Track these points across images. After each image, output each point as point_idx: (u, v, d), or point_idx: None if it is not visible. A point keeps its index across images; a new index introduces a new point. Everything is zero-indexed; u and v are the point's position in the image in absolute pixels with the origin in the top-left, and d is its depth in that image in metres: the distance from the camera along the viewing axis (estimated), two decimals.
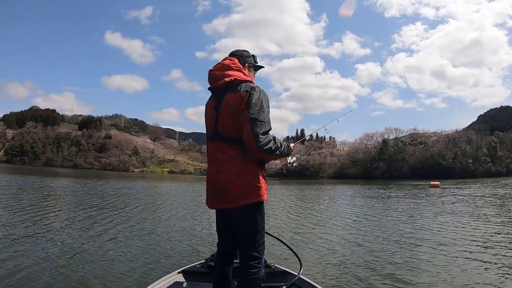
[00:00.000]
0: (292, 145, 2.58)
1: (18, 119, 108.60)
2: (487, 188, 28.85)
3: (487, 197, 20.05)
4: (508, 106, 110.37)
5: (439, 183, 32.93)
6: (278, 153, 2.34)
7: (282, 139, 2.40)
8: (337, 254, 6.55)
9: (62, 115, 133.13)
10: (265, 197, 2.32)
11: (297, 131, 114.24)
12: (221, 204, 2.35)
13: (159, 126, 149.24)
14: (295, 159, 2.80)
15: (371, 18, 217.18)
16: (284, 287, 2.97)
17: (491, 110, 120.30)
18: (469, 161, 66.00)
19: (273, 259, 3.89)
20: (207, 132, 2.48)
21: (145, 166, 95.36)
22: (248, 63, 2.58)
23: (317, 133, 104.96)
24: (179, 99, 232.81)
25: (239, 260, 2.45)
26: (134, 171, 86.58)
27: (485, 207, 14.66)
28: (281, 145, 2.36)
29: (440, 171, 62.76)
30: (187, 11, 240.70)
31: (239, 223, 2.37)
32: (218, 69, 2.45)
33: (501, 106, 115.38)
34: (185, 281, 3.23)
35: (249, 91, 2.28)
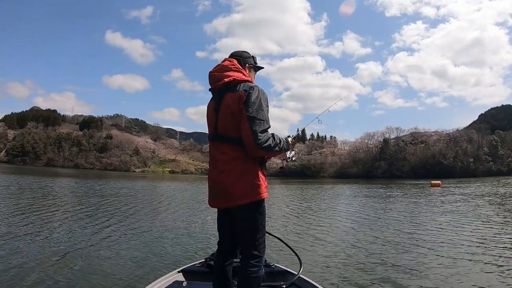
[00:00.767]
0: (290, 139, 2.60)
1: (19, 120, 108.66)
2: (488, 187, 28.83)
3: (488, 196, 20.04)
4: (509, 105, 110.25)
5: (440, 182, 32.90)
6: (277, 149, 2.35)
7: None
8: (337, 253, 6.54)
9: (63, 115, 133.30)
10: (265, 195, 2.34)
11: (298, 130, 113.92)
12: (223, 203, 2.38)
13: (160, 126, 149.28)
14: (293, 153, 2.82)
15: (371, 17, 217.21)
16: (284, 286, 2.98)
17: (492, 109, 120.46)
18: (470, 160, 66.06)
19: (273, 259, 3.90)
20: (208, 132, 2.51)
21: (146, 166, 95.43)
22: (248, 64, 2.60)
23: (318, 133, 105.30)
24: (180, 98, 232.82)
25: (239, 259, 2.46)
26: (135, 171, 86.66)
27: (487, 206, 14.66)
28: (280, 141, 2.37)
29: (441, 170, 62.76)
30: (187, 11, 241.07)
31: (240, 222, 2.38)
32: (217, 70, 2.48)
33: (502, 105, 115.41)
34: (185, 280, 3.24)
35: (248, 90, 2.29)
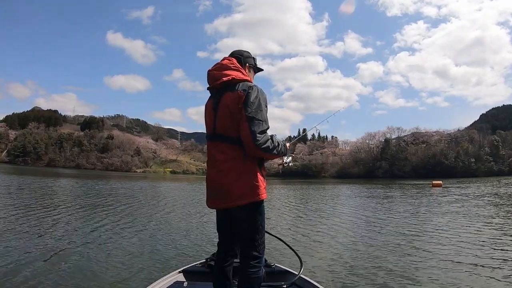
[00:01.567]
0: (288, 145, 2.58)
1: (20, 120, 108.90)
2: (489, 187, 28.76)
3: (489, 196, 19.99)
4: (510, 105, 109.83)
5: (441, 182, 32.82)
6: (275, 152, 2.33)
7: (283, 138, 2.41)
8: (337, 253, 6.54)
9: (64, 115, 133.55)
10: (264, 196, 2.33)
11: (299, 130, 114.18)
12: (221, 204, 2.36)
13: (161, 126, 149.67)
14: (290, 159, 2.82)
15: (373, 17, 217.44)
16: (284, 286, 2.97)
17: (493, 109, 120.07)
18: (472, 160, 65.94)
19: (273, 259, 3.90)
20: (206, 132, 2.49)
21: (147, 166, 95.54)
22: (248, 64, 2.59)
23: (319, 133, 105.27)
24: (181, 99, 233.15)
25: (239, 259, 2.45)
26: (136, 172, 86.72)
27: (488, 207, 14.63)
28: (279, 144, 2.35)
29: (442, 170, 62.64)
30: (188, 11, 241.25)
31: (239, 223, 2.37)
32: (216, 69, 2.46)
33: (503, 105, 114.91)
34: (185, 280, 3.24)
35: (247, 90, 2.28)
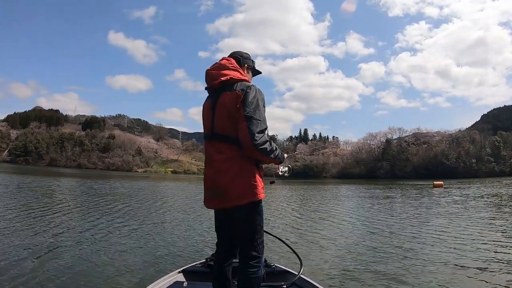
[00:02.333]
0: (285, 156, 2.56)
1: (21, 120, 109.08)
2: (491, 188, 28.71)
3: (491, 197, 19.95)
4: (511, 105, 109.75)
5: (442, 183, 32.77)
6: (272, 156, 2.34)
7: (285, 139, 2.40)
8: (338, 253, 6.54)
9: (65, 115, 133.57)
10: (262, 195, 2.33)
11: (300, 131, 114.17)
12: (220, 204, 2.36)
13: (163, 126, 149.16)
14: (286, 169, 2.82)
15: (374, 17, 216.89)
16: (284, 286, 2.98)
17: (494, 109, 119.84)
18: (473, 160, 65.84)
19: (273, 259, 3.90)
20: (204, 132, 2.49)
21: (148, 166, 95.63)
22: (247, 65, 2.60)
23: (320, 133, 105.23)
24: (182, 99, 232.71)
25: (238, 259, 2.46)
26: (137, 171, 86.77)
27: (490, 207, 14.60)
28: (276, 149, 2.36)
29: (443, 171, 62.54)
30: (190, 11, 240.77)
31: (237, 223, 2.37)
32: (215, 68, 2.47)
33: (505, 105, 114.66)
34: (185, 280, 3.24)
35: (245, 89, 2.29)
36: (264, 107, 2.33)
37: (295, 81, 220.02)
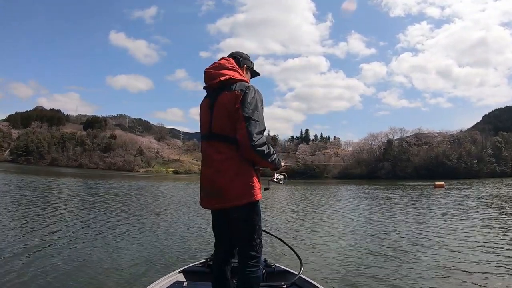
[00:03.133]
0: (283, 163, 2.54)
1: (23, 119, 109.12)
2: (492, 188, 28.66)
3: (492, 198, 19.93)
4: None
5: (444, 183, 32.69)
6: (269, 160, 2.34)
7: (286, 139, 2.39)
8: (338, 253, 6.55)
9: (67, 115, 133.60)
10: (259, 196, 2.34)
11: (301, 131, 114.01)
12: (218, 204, 2.36)
13: (164, 126, 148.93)
14: (282, 177, 2.79)
15: (376, 17, 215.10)
16: (284, 286, 2.99)
17: (495, 110, 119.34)
18: (474, 161, 65.68)
19: (273, 259, 3.90)
20: (201, 131, 2.49)
21: (150, 166, 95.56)
22: (246, 65, 2.61)
23: (321, 133, 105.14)
24: (183, 99, 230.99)
25: (237, 259, 2.47)
26: (139, 171, 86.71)
27: (491, 208, 14.59)
28: (274, 154, 2.36)
29: (444, 171, 62.35)
30: (191, 11, 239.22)
31: (236, 223, 2.37)
32: (214, 68, 2.47)
33: (506, 106, 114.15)
34: (185, 280, 3.25)
35: (244, 90, 2.29)
36: (262, 108, 2.33)
37: (296, 81, 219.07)
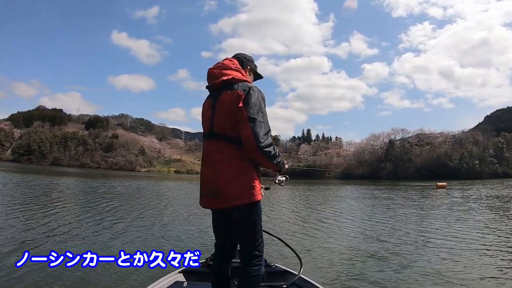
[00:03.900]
0: (286, 166, 2.56)
1: (25, 119, 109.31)
2: (493, 189, 28.57)
3: (494, 198, 19.87)
4: None
5: (445, 184, 32.66)
6: (274, 162, 2.34)
7: (287, 139, 2.39)
8: (338, 254, 6.55)
9: (69, 114, 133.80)
10: (260, 196, 2.33)
11: (303, 131, 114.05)
12: (218, 204, 2.35)
13: (166, 126, 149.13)
14: (284, 179, 2.81)
15: (378, 18, 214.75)
16: (284, 286, 2.98)
17: (497, 110, 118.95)
18: (476, 162, 65.55)
19: (273, 259, 3.90)
20: (203, 130, 2.49)
21: (151, 165, 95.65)
22: (250, 67, 2.61)
23: (323, 134, 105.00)
24: (185, 98, 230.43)
25: (239, 259, 2.47)
26: (140, 171, 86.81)
27: (492, 209, 14.56)
28: (279, 155, 2.36)
29: (446, 172, 62.24)
30: (193, 11, 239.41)
31: (237, 223, 2.37)
32: (217, 68, 2.46)
33: (508, 106, 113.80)
34: (185, 280, 3.25)
35: (247, 90, 2.28)
36: (265, 108, 2.33)
37: (298, 81, 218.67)
